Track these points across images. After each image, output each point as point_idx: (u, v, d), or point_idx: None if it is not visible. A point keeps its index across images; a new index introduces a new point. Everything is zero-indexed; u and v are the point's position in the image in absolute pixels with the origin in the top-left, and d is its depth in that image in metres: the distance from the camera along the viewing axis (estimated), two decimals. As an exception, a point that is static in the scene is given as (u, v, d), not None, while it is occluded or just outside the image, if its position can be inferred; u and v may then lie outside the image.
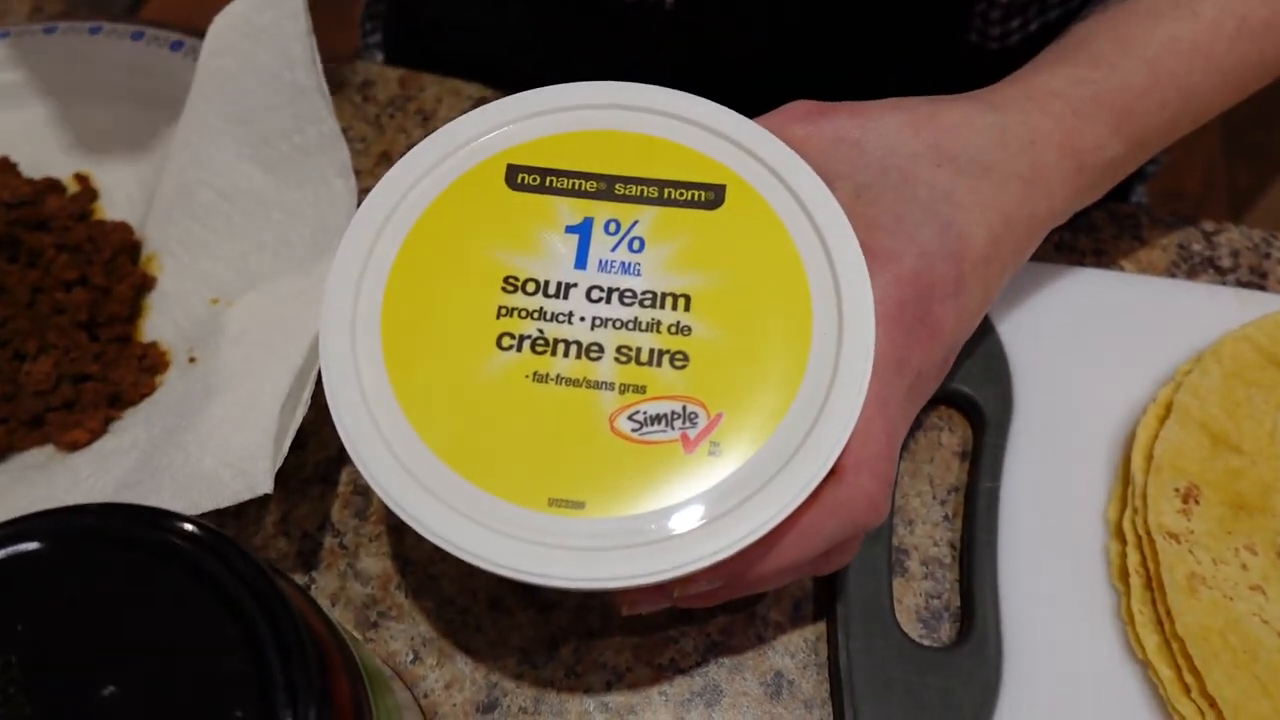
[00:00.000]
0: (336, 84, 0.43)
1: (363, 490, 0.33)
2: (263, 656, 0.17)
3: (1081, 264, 0.38)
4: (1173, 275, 0.38)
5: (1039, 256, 0.37)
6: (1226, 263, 0.38)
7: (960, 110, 0.27)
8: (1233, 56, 0.28)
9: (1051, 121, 0.27)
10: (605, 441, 0.22)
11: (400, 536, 0.32)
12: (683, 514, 0.21)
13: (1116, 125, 0.27)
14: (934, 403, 0.34)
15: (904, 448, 0.33)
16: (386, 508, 0.32)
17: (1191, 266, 0.38)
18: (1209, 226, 0.39)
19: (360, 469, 0.22)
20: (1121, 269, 0.38)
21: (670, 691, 0.29)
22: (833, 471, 0.22)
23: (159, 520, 0.18)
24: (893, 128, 0.26)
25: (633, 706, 0.29)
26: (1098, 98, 0.27)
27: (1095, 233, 0.39)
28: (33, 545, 0.18)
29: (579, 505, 0.21)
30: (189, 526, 0.18)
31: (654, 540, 0.21)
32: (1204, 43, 0.28)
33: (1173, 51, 0.28)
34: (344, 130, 0.35)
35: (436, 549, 0.30)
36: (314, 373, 0.29)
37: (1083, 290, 0.36)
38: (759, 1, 0.39)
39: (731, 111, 0.26)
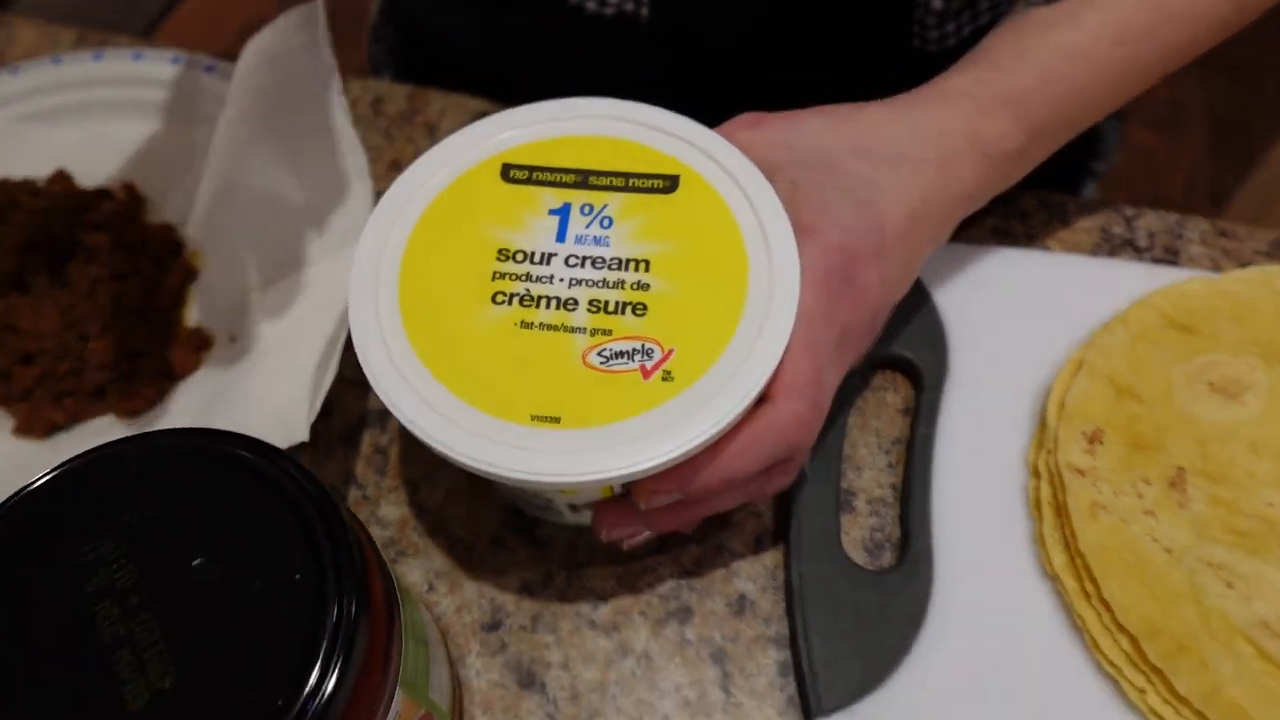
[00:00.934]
0: (351, 100, 0.48)
1: (382, 450, 0.38)
2: (316, 544, 0.22)
3: (1014, 245, 0.42)
4: (1095, 254, 0.42)
5: (976, 239, 0.42)
6: (1143, 242, 0.43)
7: (877, 111, 0.32)
8: (1114, 60, 0.33)
9: (960, 117, 0.32)
10: (578, 372, 0.27)
11: (415, 488, 0.37)
12: (640, 425, 0.26)
13: (1016, 119, 0.32)
14: (880, 367, 0.39)
15: (854, 406, 0.38)
16: (402, 461, 0.37)
17: (1112, 246, 0.43)
18: (1129, 211, 0.44)
19: (382, 398, 0.27)
20: (1049, 249, 0.42)
21: (648, 611, 0.34)
22: (766, 398, 0.27)
23: (235, 439, 0.23)
24: (818, 129, 0.31)
25: (616, 624, 0.34)
26: (997, 96, 0.32)
27: (1027, 219, 0.44)
28: (135, 456, 0.23)
29: (555, 420, 0.26)
30: (257, 444, 0.23)
31: (616, 445, 0.25)
32: (1087, 48, 0.33)
33: (1061, 56, 0.33)
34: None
35: (446, 497, 0.35)
36: (341, 341, 0.34)
37: (1014, 268, 0.41)
38: (725, 15, 0.44)
39: (685, 118, 0.31)
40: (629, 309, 0.28)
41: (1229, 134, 1.60)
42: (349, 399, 0.39)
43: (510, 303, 0.28)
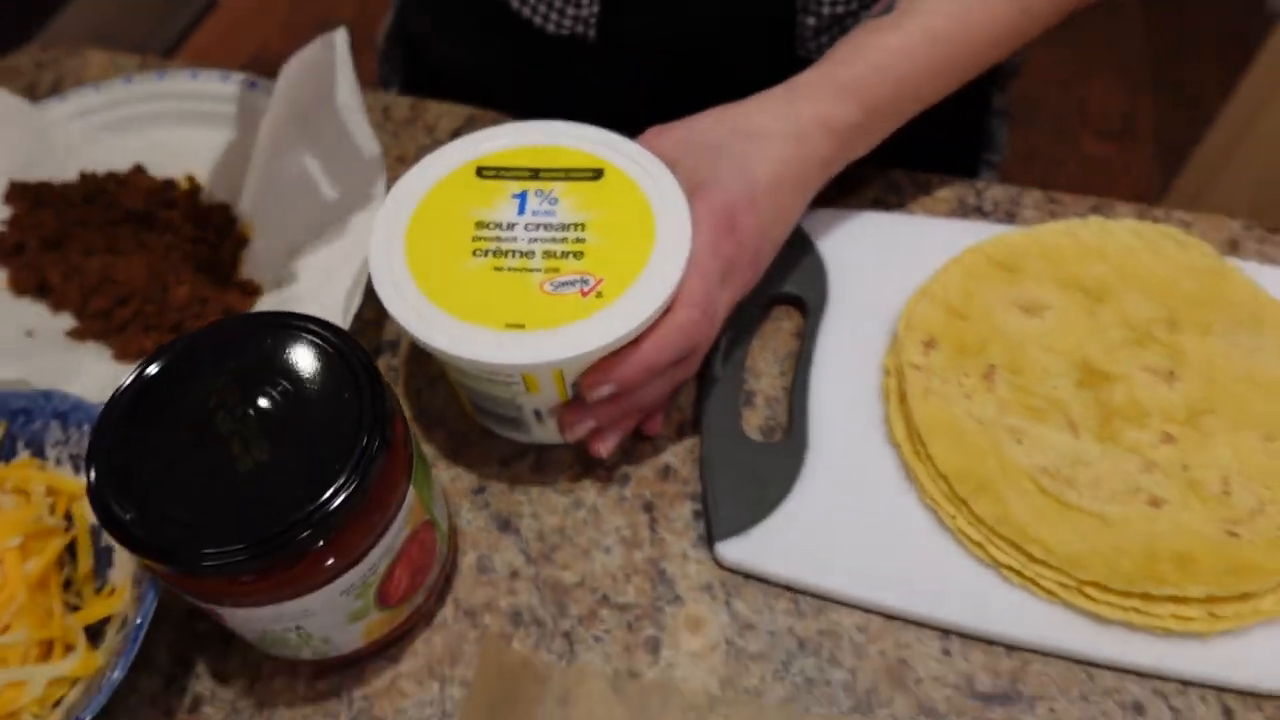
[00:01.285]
0: (366, 107, 0.60)
1: (394, 369, 0.49)
2: (360, 381, 0.33)
3: (888, 211, 0.54)
4: (951, 218, 0.54)
5: (858, 207, 0.54)
6: (989, 209, 0.55)
7: (751, 103, 0.44)
8: (930, 56, 0.45)
9: (810, 103, 0.44)
10: (536, 295, 0.38)
11: (419, 395, 0.48)
12: (582, 326, 0.37)
13: (856, 101, 0.44)
14: (776, 302, 0.50)
15: (756, 332, 0.49)
16: (409, 376, 0.48)
17: (965, 211, 0.54)
18: (980, 185, 0.56)
19: (395, 318, 0.38)
20: (914, 214, 0.54)
21: (599, 481, 0.45)
22: (671, 310, 0.38)
23: (305, 318, 0.34)
24: (707, 125, 0.43)
25: (572, 488, 0.45)
26: (839, 84, 0.44)
27: (900, 191, 0.55)
28: (238, 326, 0.34)
29: (521, 326, 0.38)
30: (320, 321, 0.34)
31: (565, 339, 0.37)
32: (905, 47, 0.45)
33: (888, 53, 0.45)
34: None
35: (444, 402, 0.45)
36: (363, 286, 0.46)
37: (885, 227, 0.52)
38: (652, 39, 0.56)
39: (607, 130, 0.43)
40: (570, 255, 0.39)
41: (1174, 145, 1.71)
42: (368, 333, 0.50)
43: (486, 255, 0.40)
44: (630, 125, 0.45)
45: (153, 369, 0.33)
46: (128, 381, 0.33)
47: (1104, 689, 0.39)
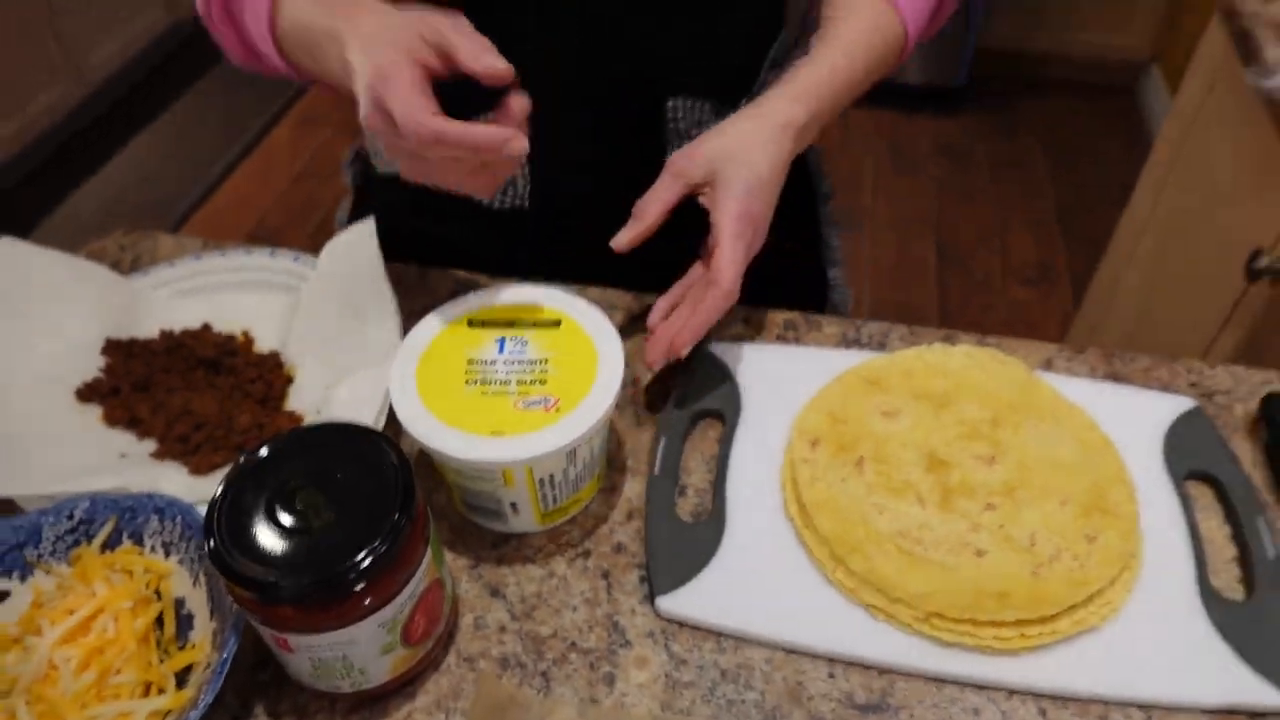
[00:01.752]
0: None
1: (406, 477, 0.63)
2: (393, 470, 0.47)
3: (787, 344, 0.70)
4: (835, 348, 0.70)
5: (765, 340, 0.70)
6: (865, 340, 0.71)
7: (741, 122, 0.63)
8: (851, 70, 0.64)
9: (776, 115, 0.62)
10: (512, 411, 0.53)
11: (429, 494, 0.62)
12: (545, 432, 0.52)
13: (806, 107, 0.62)
14: (700, 416, 0.65)
15: (688, 438, 0.64)
16: (418, 477, 0.62)
17: (846, 343, 0.70)
18: (859, 323, 0.72)
19: (409, 431, 0.53)
20: (808, 345, 0.70)
21: (567, 557, 0.58)
22: (715, 283, 0.56)
23: (353, 427, 0.49)
24: (716, 142, 0.62)
25: (546, 561, 0.58)
26: (792, 98, 0.63)
27: (796, 329, 0.71)
28: (304, 434, 0.48)
29: (500, 433, 0.52)
30: (364, 428, 0.49)
31: (530, 442, 0.51)
32: (837, 66, 0.64)
33: (823, 70, 0.64)
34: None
35: (445, 500, 0.59)
36: (385, 412, 0.60)
37: (786, 356, 0.68)
38: (571, 207, 0.74)
39: (563, 291, 0.60)
40: (536, 382, 0.55)
41: (1085, 286, 1.91)
42: (386, 449, 0.64)
43: (475, 384, 0.55)
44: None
45: (253, 461, 0.47)
46: (236, 469, 0.47)
47: (950, 698, 0.52)
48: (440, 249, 0.79)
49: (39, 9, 2.50)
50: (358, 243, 0.67)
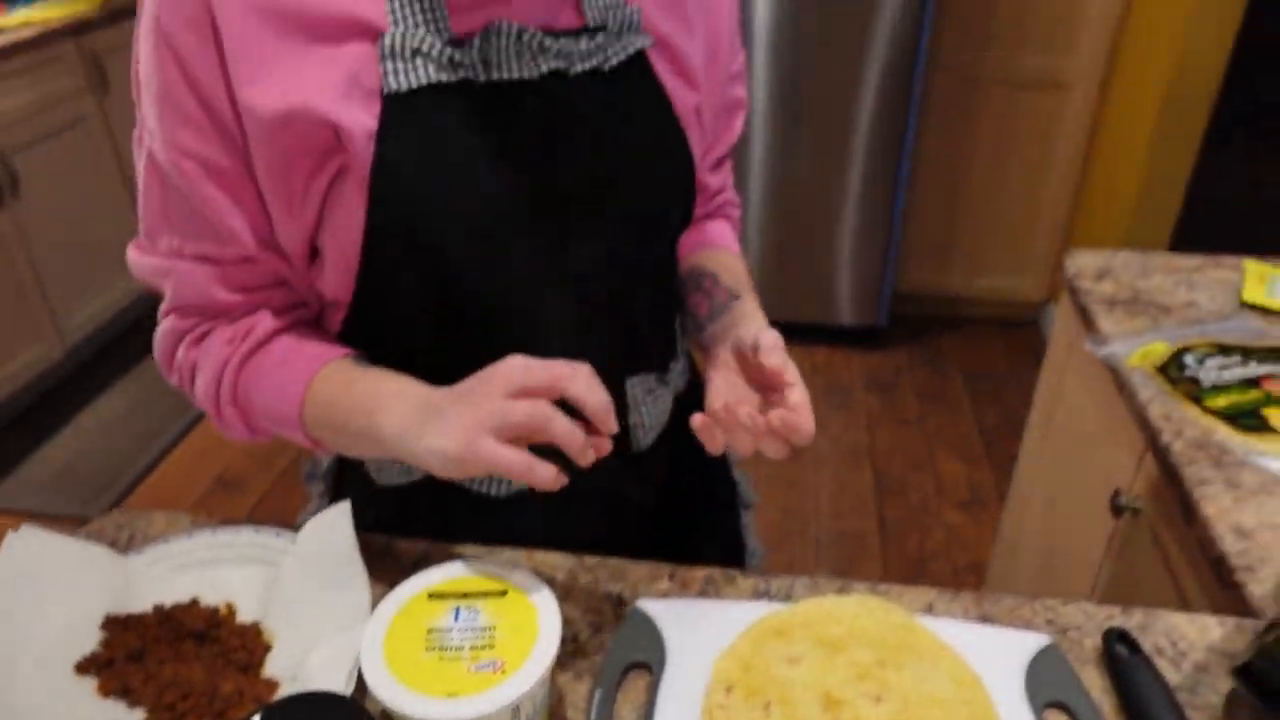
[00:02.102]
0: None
1: None
2: (359, 734, 0.56)
3: (709, 598, 0.81)
4: (748, 600, 0.81)
5: (687, 595, 0.80)
6: (775, 593, 0.82)
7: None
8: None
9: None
10: (465, 674, 0.63)
11: None
12: (493, 692, 0.61)
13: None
14: (630, 668, 0.74)
15: (620, 688, 0.73)
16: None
17: (758, 596, 0.82)
18: (772, 578, 0.83)
19: (375, 695, 0.62)
20: (726, 599, 0.81)
21: (511, 802, 0.66)
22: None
23: (323, 695, 0.58)
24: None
25: (494, 810, 0.65)
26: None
27: (716, 584, 0.83)
28: (282, 706, 0.58)
29: (455, 694, 0.62)
30: (334, 695, 0.58)
31: (480, 701, 0.61)
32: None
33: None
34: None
35: None
36: (355, 673, 0.69)
37: (705, 610, 0.79)
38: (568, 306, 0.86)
39: (509, 567, 0.71)
40: (486, 647, 0.65)
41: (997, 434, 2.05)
42: (352, 709, 0.72)
43: (434, 650, 0.65)
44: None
45: (240, 733, 0.56)
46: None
47: None
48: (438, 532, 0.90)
49: (25, 269, 2.69)
50: (334, 523, 0.78)
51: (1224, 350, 1.17)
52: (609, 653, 0.75)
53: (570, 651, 0.77)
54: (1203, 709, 0.72)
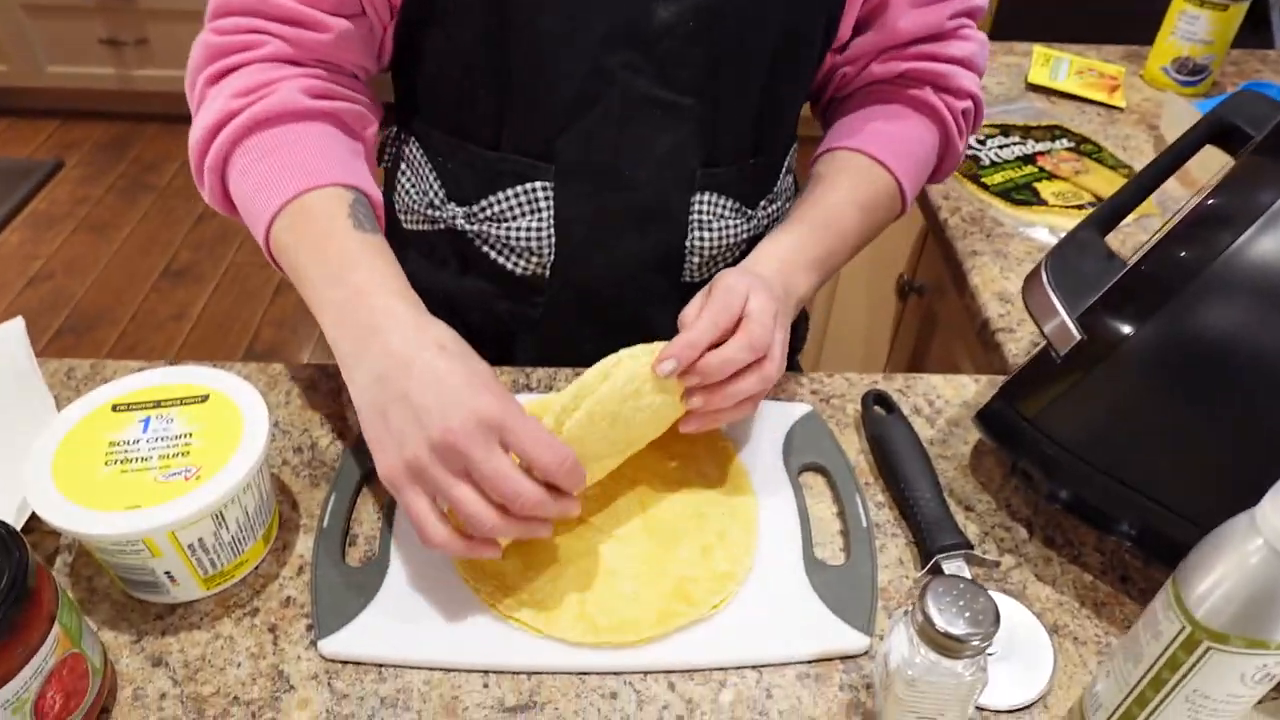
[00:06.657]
0: (49, 371, 0.76)
1: (69, 563, 0.63)
2: (7, 556, 0.48)
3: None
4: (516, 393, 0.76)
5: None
6: (535, 385, 0.77)
7: (760, 265, 0.69)
8: (850, 229, 0.73)
9: (799, 288, 0.69)
10: (151, 485, 0.55)
11: (89, 582, 0.62)
12: (182, 500, 0.54)
13: (808, 268, 0.70)
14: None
15: (362, 491, 0.67)
16: (80, 567, 0.62)
17: (519, 389, 0.77)
18: (528, 370, 0.78)
19: (40, 514, 0.54)
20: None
21: (233, 618, 0.60)
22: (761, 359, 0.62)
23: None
24: (748, 275, 0.65)
25: (214, 627, 0.60)
26: (808, 265, 0.71)
27: (475, 380, 0.77)
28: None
29: (138, 505, 0.54)
30: (-26, 512, 0.50)
31: (170, 510, 0.54)
32: (845, 231, 0.74)
33: (831, 240, 0.73)
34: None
35: (109, 584, 0.60)
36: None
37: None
38: (588, 278, 0.79)
39: (215, 369, 0.63)
40: (179, 455, 0.57)
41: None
42: (47, 541, 0.64)
43: (115, 464, 0.57)
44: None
45: None
46: None
47: (592, 687, 0.57)
48: (456, 302, 0.80)
49: None
50: (6, 340, 0.67)
51: (1004, 130, 1.17)
52: (343, 455, 0.69)
53: (309, 459, 0.71)
54: (953, 458, 0.73)
